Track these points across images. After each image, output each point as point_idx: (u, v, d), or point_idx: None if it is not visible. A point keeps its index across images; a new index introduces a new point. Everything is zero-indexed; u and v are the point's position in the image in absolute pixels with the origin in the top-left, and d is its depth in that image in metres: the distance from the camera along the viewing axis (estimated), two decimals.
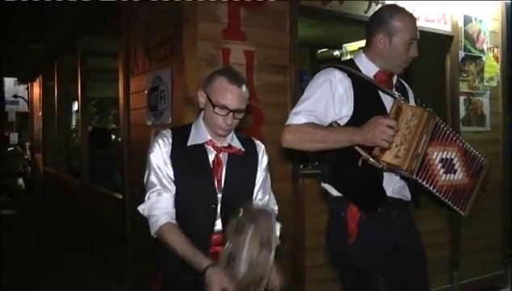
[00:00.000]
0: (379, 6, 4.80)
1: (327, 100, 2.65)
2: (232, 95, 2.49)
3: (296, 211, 4.35)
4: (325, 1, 4.62)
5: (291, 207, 4.26)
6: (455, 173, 2.62)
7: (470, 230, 5.43)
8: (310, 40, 6.80)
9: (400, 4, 4.78)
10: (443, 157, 2.57)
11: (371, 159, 2.51)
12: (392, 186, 2.73)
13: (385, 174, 2.67)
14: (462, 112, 5.63)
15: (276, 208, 2.79)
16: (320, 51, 7.80)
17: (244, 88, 2.54)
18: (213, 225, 2.55)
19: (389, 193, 2.72)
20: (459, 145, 2.64)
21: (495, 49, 5.96)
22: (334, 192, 2.78)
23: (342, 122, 2.69)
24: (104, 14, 5.76)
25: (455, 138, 2.62)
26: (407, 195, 2.81)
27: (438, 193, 2.57)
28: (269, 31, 4.25)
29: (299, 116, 2.63)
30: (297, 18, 4.42)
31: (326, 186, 2.82)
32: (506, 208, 5.89)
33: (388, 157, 2.46)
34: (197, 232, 2.49)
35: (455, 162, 2.61)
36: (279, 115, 4.16)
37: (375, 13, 2.90)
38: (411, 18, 2.77)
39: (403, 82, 2.98)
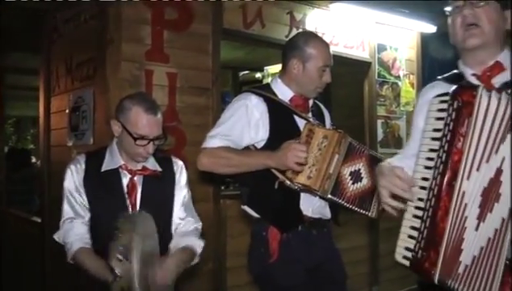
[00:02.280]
0: (300, 31, 5.02)
1: (243, 125, 2.73)
2: (151, 125, 2.53)
3: (218, 231, 4.42)
4: (247, 24, 4.78)
5: (212, 227, 4.32)
6: (361, 181, 2.74)
7: (388, 246, 5.60)
8: (232, 63, 6.94)
9: (320, 30, 5.06)
10: (352, 170, 2.72)
11: (287, 181, 2.62)
12: (312, 206, 2.81)
13: (304, 194, 2.76)
14: (380, 135, 5.93)
15: (200, 224, 2.83)
16: (242, 73, 7.97)
17: (159, 114, 2.58)
18: None
19: (309, 213, 2.81)
20: (366, 155, 2.77)
21: (411, 76, 6.34)
22: (254, 214, 2.84)
23: (259, 145, 2.79)
24: (26, 29, 5.68)
25: (364, 150, 2.78)
26: (327, 214, 2.90)
27: (346, 204, 2.71)
28: (192, 53, 4.35)
29: (214, 140, 2.70)
30: (220, 41, 4.55)
31: (246, 208, 2.86)
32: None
33: (301, 178, 2.59)
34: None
35: (362, 171, 2.75)
36: (202, 136, 4.18)
37: (291, 39, 3.02)
38: (325, 46, 2.89)
39: (319, 104, 3.10)
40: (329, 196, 2.64)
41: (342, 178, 2.67)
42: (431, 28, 6.12)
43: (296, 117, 2.82)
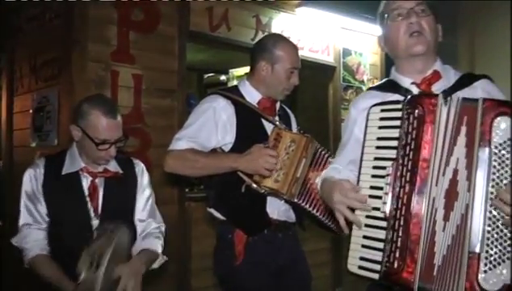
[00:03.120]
0: (266, 34, 5.08)
1: (210, 127, 2.74)
2: (111, 129, 2.53)
3: (182, 234, 4.44)
4: (213, 27, 4.82)
5: (177, 230, 4.33)
6: None
7: None
8: (198, 65, 6.95)
9: (286, 34, 5.11)
10: (319, 175, 2.71)
11: (254, 185, 2.65)
12: (278, 209, 2.83)
13: (270, 198, 2.78)
14: None
15: (163, 226, 2.83)
16: (207, 75, 7.98)
17: (119, 116, 2.57)
18: None
19: (274, 216, 2.83)
20: None
21: (375, 81, 6.41)
22: (220, 216, 2.85)
23: (226, 148, 2.80)
24: None
25: (331, 159, 2.77)
26: (292, 216, 2.91)
27: (321, 216, 2.73)
28: (158, 55, 4.38)
29: (181, 142, 2.70)
30: (186, 44, 4.58)
31: (212, 210, 2.87)
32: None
33: (268, 182, 2.61)
34: (73, 260, 2.43)
35: None
36: (167, 138, 4.20)
37: (259, 41, 3.06)
38: (293, 48, 2.94)
39: (286, 108, 3.14)
40: (296, 199, 2.67)
41: (311, 186, 2.69)
42: None
43: (264, 121, 2.85)
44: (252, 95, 2.90)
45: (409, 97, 1.84)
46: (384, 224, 1.79)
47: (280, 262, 2.88)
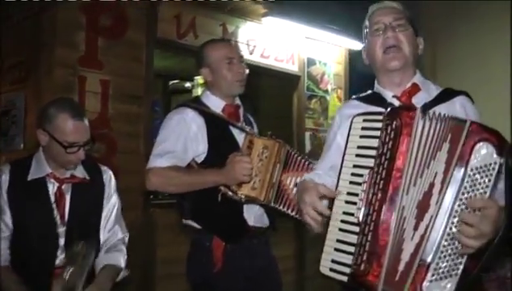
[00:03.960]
0: (232, 43, 5.15)
1: (185, 139, 2.78)
2: (80, 131, 2.53)
3: (147, 240, 4.44)
4: (180, 34, 4.88)
5: (141, 236, 4.30)
6: None
7: (315, 254, 5.75)
8: (163, 71, 6.93)
9: (251, 43, 5.22)
10: (292, 178, 2.80)
11: (230, 193, 2.70)
12: (254, 214, 2.89)
13: (246, 205, 2.83)
14: (308, 147, 6.12)
15: (127, 235, 2.84)
16: (172, 82, 7.95)
17: (86, 119, 2.58)
18: (54, 260, 2.53)
19: (251, 222, 2.88)
20: (306, 165, 2.86)
21: (339, 90, 6.57)
22: (197, 225, 2.88)
23: (200, 159, 2.85)
24: None
25: (307, 163, 2.86)
26: (266, 221, 2.97)
27: (291, 213, 2.79)
28: (125, 61, 4.40)
29: (161, 159, 2.73)
30: (153, 50, 4.63)
31: (189, 222, 2.90)
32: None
33: (245, 189, 2.67)
34: (39, 268, 2.48)
35: None
36: (132, 144, 4.33)
37: (196, 52, 3.14)
38: (219, 43, 3.08)
39: (248, 115, 3.20)
40: (273, 204, 2.73)
41: (284, 187, 2.76)
42: (359, 45, 6.37)
43: (232, 128, 2.90)
44: (215, 104, 2.95)
45: (389, 109, 1.90)
46: (357, 229, 1.85)
47: (256, 268, 2.93)
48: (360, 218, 1.84)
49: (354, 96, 2.30)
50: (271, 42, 5.74)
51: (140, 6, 4.51)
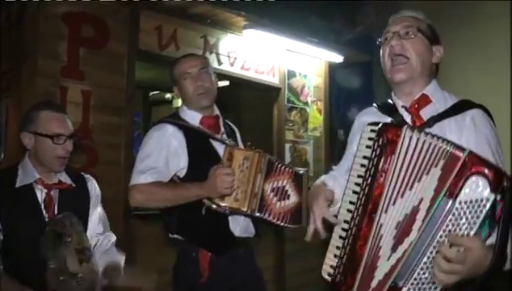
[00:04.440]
0: (213, 54, 5.21)
1: (166, 154, 2.84)
2: (64, 122, 2.61)
3: (127, 251, 4.40)
4: (162, 46, 4.92)
5: (122, 247, 4.30)
6: (289, 198, 2.88)
7: (294, 267, 5.86)
8: (143, 82, 6.96)
9: (232, 55, 5.27)
10: (274, 186, 2.83)
11: (214, 206, 2.71)
12: (239, 226, 2.93)
13: (232, 216, 2.87)
14: (288, 158, 6.17)
15: (115, 239, 2.88)
16: (152, 93, 8.02)
17: (67, 116, 2.67)
18: (46, 264, 2.47)
19: (237, 233, 2.92)
20: (289, 172, 2.91)
21: (318, 102, 6.65)
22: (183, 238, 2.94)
23: (181, 174, 2.89)
24: None
25: (287, 168, 2.91)
26: (252, 231, 3.01)
27: (276, 221, 2.83)
28: (107, 72, 4.42)
29: (144, 176, 2.77)
30: (135, 62, 4.66)
31: (176, 236, 2.94)
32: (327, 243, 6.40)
33: (228, 201, 2.69)
34: (31, 272, 2.47)
35: (287, 188, 2.88)
36: (113, 155, 4.34)
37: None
38: (181, 60, 3.10)
39: (230, 123, 3.25)
40: (257, 214, 2.75)
41: (264, 195, 2.78)
42: (338, 58, 6.49)
43: (213, 141, 2.95)
44: (192, 117, 3.00)
45: (380, 124, 1.89)
46: None
47: (241, 278, 2.96)
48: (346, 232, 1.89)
49: (374, 104, 2.26)
50: (252, 54, 5.81)
51: (122, 17, 4.54)
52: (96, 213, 2.81)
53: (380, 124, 1.88)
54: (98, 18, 4.37)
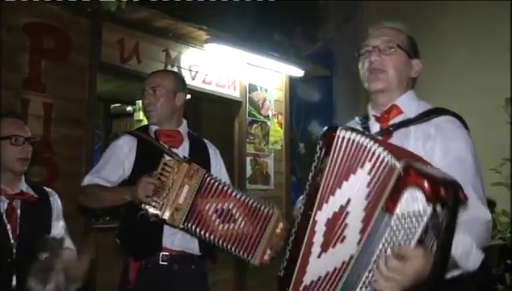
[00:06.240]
0: (175, 68, 5.27)
1: (114, 161, 3.05)
2: (20, 125, 2.74)
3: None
4: (124, 59, 4.96)
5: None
6: (234, 222, 2.87)
7: (256, 280, 5.88)
8: (105, 95, 6.96)
9: (194, 68, 5.35)
10: (218, 207, 2.86)
11: (143, 211, 2.78)
12: (173, 238, 2.98)
13: (166, 226, 2.91)
14: (249, 171, 6.27)
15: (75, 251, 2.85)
16: (113, 106, 8.00)
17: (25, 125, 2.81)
18: (12, 276, 2.56)
19: (168, 245, 2.97)
20: (236, 197, 2.89)
21: (279, 116, 6.77)
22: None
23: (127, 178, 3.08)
24: None
25: (229, 191, 2.89)
26: (193, 247, 3.04)
27: (217, 242, 2.85)
28: (68, 84, 4.44)
29: (87, 177, 3.04)
30: (97, 74, 4.68)
31: (117, 240, 3.09)
32: None
33: (151, 209, 2.76)
34: None
35: (233, 212, 2.87)
36: (74, 168, 4.34)
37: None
38: (149, 76, 3.32)
39: (207, 143, 3.41)
40: (182, 226, 2.79)
41: (201, 212, 2.82)
42: (299, 72, 6.63)
43: (166, 153, 3.01)
44: (151, 130, 3.15)
45: (324, 129, 1.93)
46: None
47: None
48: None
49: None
50: (213, 68, 5.88)
51: (84, 30, 4.58)
52: (59, 227, 2.84)
53: (324, 129, 1.92)
54: (60, 29, 4.40)
